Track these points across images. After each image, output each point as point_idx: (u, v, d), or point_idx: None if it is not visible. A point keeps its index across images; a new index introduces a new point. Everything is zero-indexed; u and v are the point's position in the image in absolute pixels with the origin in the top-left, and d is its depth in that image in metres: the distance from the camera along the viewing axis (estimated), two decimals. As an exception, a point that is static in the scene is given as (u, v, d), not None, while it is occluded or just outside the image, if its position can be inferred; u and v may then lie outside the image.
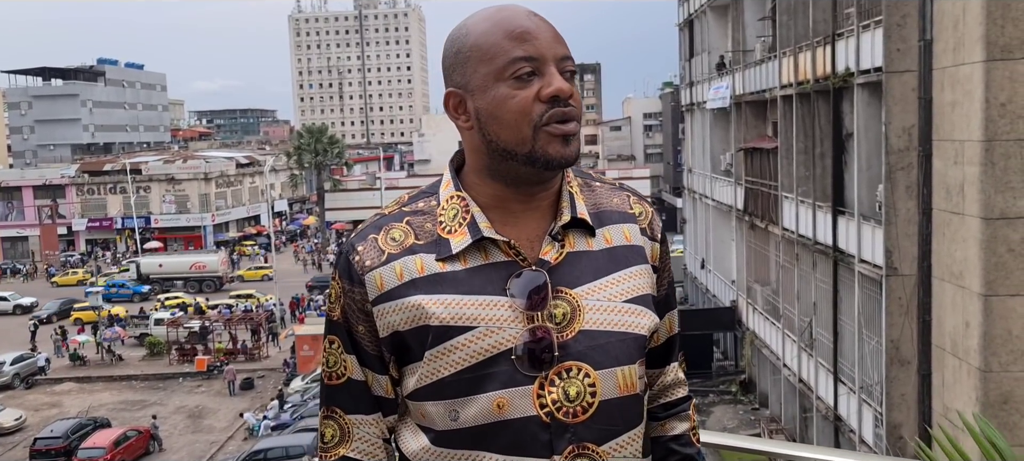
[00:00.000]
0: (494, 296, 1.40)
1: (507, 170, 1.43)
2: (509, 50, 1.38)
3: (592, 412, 1.41)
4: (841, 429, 18.45)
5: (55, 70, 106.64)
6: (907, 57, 14.56)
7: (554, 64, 1.39)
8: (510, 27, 1.39)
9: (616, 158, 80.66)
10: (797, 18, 20.68)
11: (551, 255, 1.44)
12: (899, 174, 15.06)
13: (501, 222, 1.45)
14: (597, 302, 1.44)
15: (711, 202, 30.79)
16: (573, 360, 1.41)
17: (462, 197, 1.46)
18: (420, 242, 1.45)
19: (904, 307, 14.87)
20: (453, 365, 1.40)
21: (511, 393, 1.39)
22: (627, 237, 1.51)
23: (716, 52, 29.58)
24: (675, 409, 1.65)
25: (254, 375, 35.97)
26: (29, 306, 49.66)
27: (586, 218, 1.48)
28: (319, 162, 68.98)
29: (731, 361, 29.76)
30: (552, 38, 1.40)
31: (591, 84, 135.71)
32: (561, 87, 1.38)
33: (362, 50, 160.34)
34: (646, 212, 1.57)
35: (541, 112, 1.38)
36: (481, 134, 1.42)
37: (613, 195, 1.56)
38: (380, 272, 1.43)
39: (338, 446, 1.52)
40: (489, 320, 1.39)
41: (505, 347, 1.39)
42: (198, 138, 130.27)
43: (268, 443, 25.71)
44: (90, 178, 69.40)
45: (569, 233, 1.47)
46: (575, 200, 1.49)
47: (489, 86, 1.40)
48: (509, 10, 1.42)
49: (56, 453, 27.19)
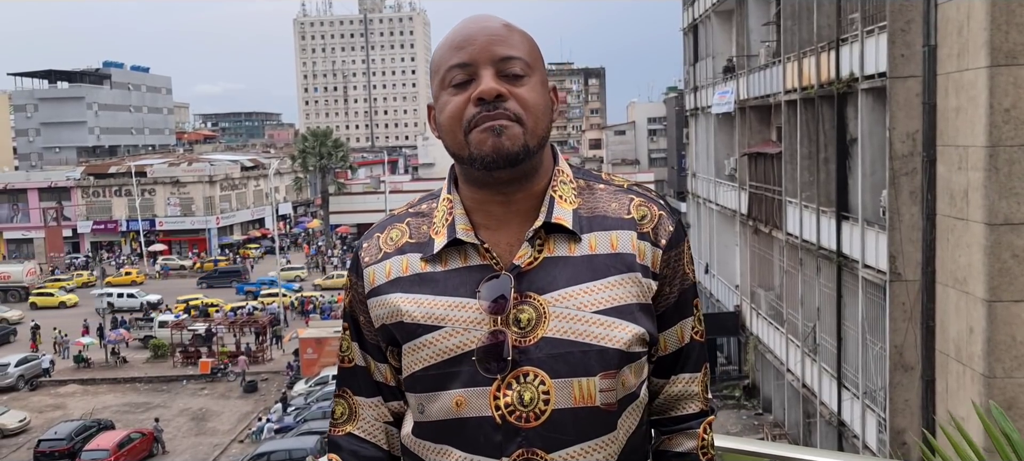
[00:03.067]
0: (465, 298, 1.45)
1: (470, 174, 1.48)
2: (448, 59, 1.44)
3: (544, 419, 1.42)
4: (844, 434, 18.41)
5: (61, 73, 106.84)
6: (911, 62, 14.55)
7: (491, 66, 1.41)
8: (454, 38, 1.45)
9: (620, 162, 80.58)
10: (801, 23, 20.68)
11: (524, 259, 1.45)
12: (903, 179, 15.05)
13: (484, 225, 1.48)
14: (564, 310, 1.43)
15: (715, 207, 30.76)
16: (531, 366, 1.42)
17: (450, 199, 1.52)
18: (412, 242, 1.52)
19: (908, 312, 14.85)
20: (422, 361, 1.47)
21: (470, 392, 1.44)
22: (613, 245, 1.47)
23: (721, 57, 29.56)
24: (684, 425, 1.58)
25: (258, 378, 36.00)
26: (156, 304, 48.54)
27: (564, 223, 1.46)
28: (323, 165, 69.02)
29: (734, 366, 29.70)
30: (489, 42, 1.42)
31: (596, 88, 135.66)
32: (483, 89, 1.39)
33: (367, 54, 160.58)
34: (652, 216, 1.51)
35: (472, 115, 1.41)
36: (442, 142, 1.49)
37: (613, 199, 1.52)
38: (374, 269, 1.53)
39: (346, 423, 1.61)
40: (456, 321, 1.44)
41: (468, 348, 1.43)
42: (203, 141, 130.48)
43: (272, 446, 25.70)
44: (95, 181, 69.58)
45: (550, 238, 1.46)
46: (555, 204, 1.47)
47: (439, 97, 1.47)
48: (466, 21, 1.47)
49: (60, 455, 27.19)
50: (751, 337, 26.39)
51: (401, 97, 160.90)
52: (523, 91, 1.42)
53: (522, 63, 1.43)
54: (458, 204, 1.50)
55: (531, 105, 1.42)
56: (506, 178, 1.45)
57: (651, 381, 1.57)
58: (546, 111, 1.46)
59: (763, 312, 24.85)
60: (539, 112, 1.44)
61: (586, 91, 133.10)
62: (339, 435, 1.61)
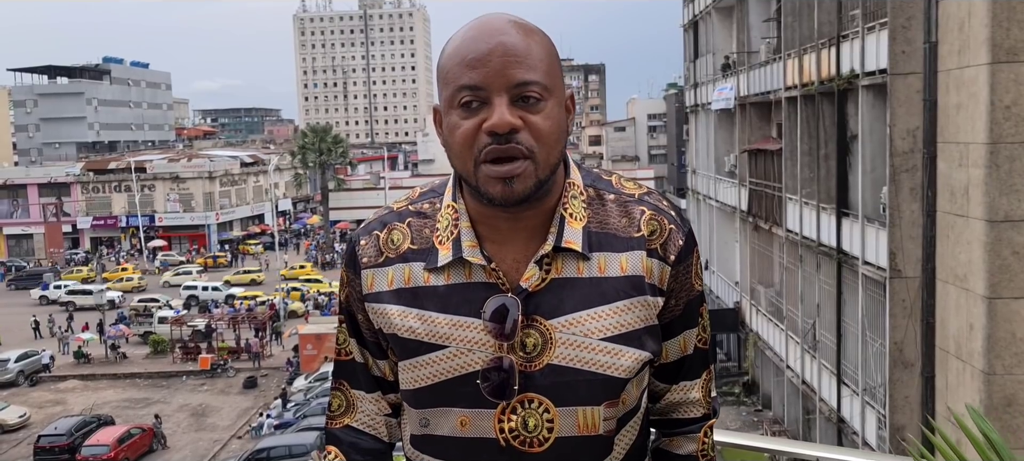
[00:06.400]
0: (469, 318, 1.41)
1: (476, 194, 1.40)
2: (459, 77, 1.34)
3: (547, 446, 1.41)
4: (844, 431, 18.43)
5: (61, 68, 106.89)
6: (912, 59, 14.54)
7: (505, 92, 1.32)
8: (465, 52, 1.34)
9: (620, 159, 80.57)
10: (802, 20, 20.67)
11: (532, 281, 1.40)
12: (903, 176, 15.04)
13: (489, 239, 1.43)
14: (571, 337, 1.40)
15: (715, 203, 30.77)
16: (536, 393, 1.41)
17: (455, 208, 1.45)
18: (414, 247, 1.46)
19: (908, 309, 14.86)
20: (425, 379, 1.44)
21: (474, 413, 1.43)
22: (623, 267, 1.42)
23: (721, 53, 29.55)
24: (685, 428, 1.58)
25: (257, 374, 36.03)
26: None
27: (574, 246, 1.41)
28: (323, 161, 68.99)
29: (734, 363, 29.73)
30: (504, 64, 1.31)
31: (596, 85, 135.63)
32: (495, 123, 1.31)
33: (367, 50, 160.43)
34: (662, 230, 1.46)
35: (482, 146, 1.33)
36: (448, 157, 1.41)
37: (624, 214, 1.46)
38: (373, 273, 1.48)
39: (343, 416, 1.59)
40: (460, 341, 1.41)
41: (472, 369, 1.41)
42: (202, 137, 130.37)
43: (271, 442, 25.73)
44: (95, 176, 69.56)
45: (558, 257, 1.42)
46: (566, 225, 1.42)
47: (447, 111, 1.38)
48: (477, 30, 1.36)
49: (60, 450, 27.22)
50: (751, 334, 26.40)
51: (401, 93, 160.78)
52: (538, 119, 1.33)
53: (539, 87, 1.33)
54: (464, 216, 1.44)
55: (545, 135, 1.34)
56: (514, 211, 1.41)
57: (652, 384, 1.56)
58: (561, 136, 1.38)
59: (763, 309, 24.86)
60: (553, 141, 1.36)
61: (586, 87, 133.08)
62: (337, 428, 1.58)
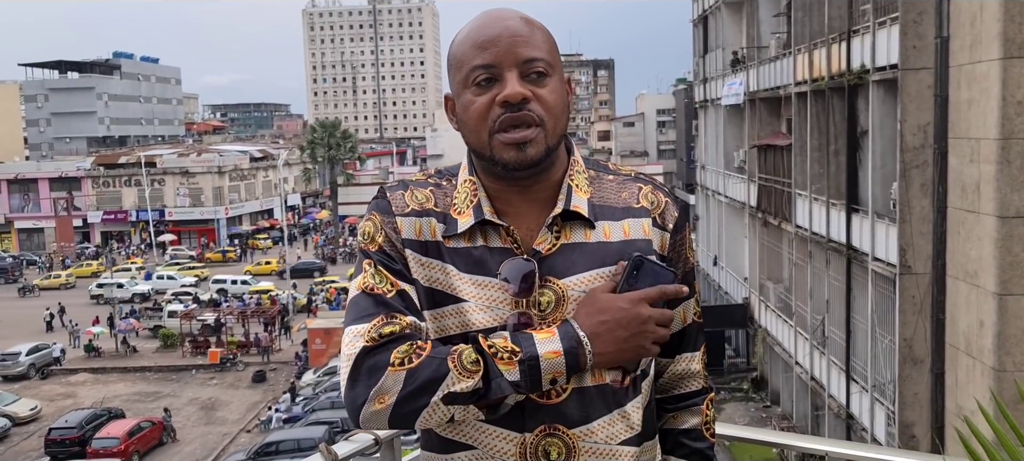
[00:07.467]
0: (487, 277, 1.49)
1: (489, 168, 1.52)
2: (472, 58, 1.48)
3: (565, 396, 1.48)
4: (853, 427, 18.37)
5: (71, 63, 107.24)
6: (923, 54, 14.45)
7: (516, 68, 1.46)
8: (477, 36, 1.48)
9: (629, 154, 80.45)
10: (812, 15, 20.56)
11: (544, 245, 1.50)
12: (914, 172, 14.96)
13: (503, 211, 1.53)
14: (582, 294, 1.49)
15: (724, 199, 30.68)
16: None
17: (474, 182, 1.55)
18: (437, 210, 1.54)
19: (918, 306, 14.79)
20: (447, 329, 1.49)
21: None
22: (626, 232, 1.54)
23: (730, 49, 29.44)
24: (687, 402, 1.67)
25: (266, 368, 36.15)
26: None
27: (581, 211, 1.52)
28: (332, 156, 69.14)
29: (743, 358, 29.66)
30: (513, 43, 1.46)
31: (605, 80, 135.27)
32: (509, 93, 1.44)
33: (375, 45, 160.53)
34: (659, 202, 1.59)
35: (496, 117, 1.46)
36: (462, 135, 1.53)
37: (623, 189, 1.59)
38: (405, 220, 1.53)
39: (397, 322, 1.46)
40: (480, 298, 1.48)
41: (494, 324, 1.47)
42: (212, 132, 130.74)
43: (280, 435, 25.82)
44: (105, 171, 69.86)
45: (567, 225, 1.52)
46: (573, 193, 1.53)
47: (460, 93, 1.51)
48: (487, 18, 1.50)
49: (71, 443, 27.37)
50: (760, 330, 26.34)
51: (410, 88, 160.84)
52: (545, 92, 1.47)
53: (544, 63, 1.47)
54: (481, 188, 1.54)
55: (552, 106, 1.48)
56: (526, 176, 1.51)
57: (656, 360, 1.64)
58: (565, 109, 1.52)
59: (772, 305, 24.80)
60: (559, 112, 1.49)
61: (595, 83, 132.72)
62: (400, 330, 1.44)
